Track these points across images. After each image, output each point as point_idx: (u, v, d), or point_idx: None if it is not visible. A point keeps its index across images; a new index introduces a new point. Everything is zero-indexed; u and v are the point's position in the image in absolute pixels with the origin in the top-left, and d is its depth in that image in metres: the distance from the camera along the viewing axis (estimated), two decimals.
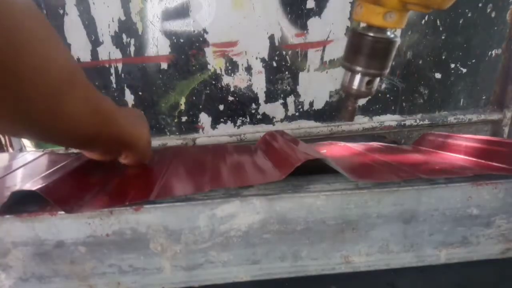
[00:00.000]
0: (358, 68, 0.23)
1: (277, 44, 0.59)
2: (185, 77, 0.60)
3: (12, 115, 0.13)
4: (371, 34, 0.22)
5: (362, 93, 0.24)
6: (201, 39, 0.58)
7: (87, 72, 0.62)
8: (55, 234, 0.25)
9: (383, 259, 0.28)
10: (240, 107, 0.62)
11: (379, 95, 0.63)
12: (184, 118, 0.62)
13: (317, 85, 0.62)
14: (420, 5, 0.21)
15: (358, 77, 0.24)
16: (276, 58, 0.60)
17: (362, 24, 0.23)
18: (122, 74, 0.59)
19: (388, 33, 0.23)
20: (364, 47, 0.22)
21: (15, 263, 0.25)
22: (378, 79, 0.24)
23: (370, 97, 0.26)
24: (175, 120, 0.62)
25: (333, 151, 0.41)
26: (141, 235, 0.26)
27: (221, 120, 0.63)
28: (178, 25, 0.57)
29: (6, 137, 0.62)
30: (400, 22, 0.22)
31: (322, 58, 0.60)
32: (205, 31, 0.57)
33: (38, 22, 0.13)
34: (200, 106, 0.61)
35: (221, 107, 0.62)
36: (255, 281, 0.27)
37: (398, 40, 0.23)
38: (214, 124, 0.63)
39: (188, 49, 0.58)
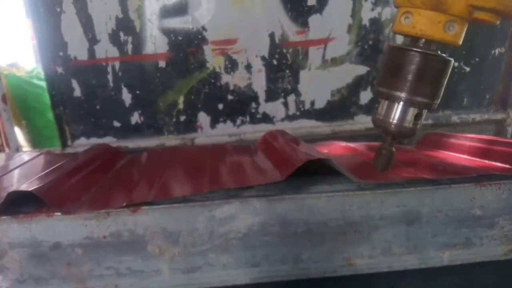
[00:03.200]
0: (402, 95, 0.16)
1: (277, 41, 0.58)
2: (184, 75, 0.59)
3: None
4: (423, 50, 0.16)
5: (405, 130, 0.17)
6: (199, 36, 0.57)
7: (84, 71, 0.62)
8: (51, 235, 0.24)
9: (385, 261, 0.28)
10: (240, 106, 0.62)
11: None
12: (182, 118, 0.62)
13: (318, 84, 0.61)
14: (494, 11, 0.15)
15: (400, 108, 0.17)
16: (277, 56, 0.59)
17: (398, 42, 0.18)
18: (119, 73, 0.58)
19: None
20: (412, 67, 0.16)
21: (11, 264, 0.25)
22: (425, 112, 0.18)
23: (412, 136, 0.18)
24: (173, 120, 0.61)
25: (335, 151, 0.41)
26: (139, 237, 0.25)
27: (221, 119, 0.62)
28: (176, 23, 0.56)
29: (3, 137, 0.62)
30: (459, 36, 0.16)
31: (323, 56, 0.59)
32: (204, 28, 0.57)
33: None
34: (199, 105, 0.61)
35: (220, 106, 0.61)
36: (255, 284, 0.27)
37: (452, 61, 0.17)
38: (213, 124, 0.62)
39: (187, 47, 0.58)
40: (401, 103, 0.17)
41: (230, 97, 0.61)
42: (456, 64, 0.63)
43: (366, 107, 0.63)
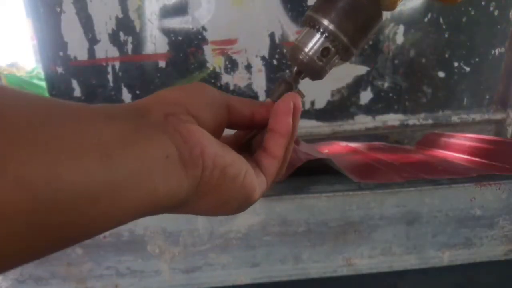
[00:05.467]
0: (325, 23, 0.15)
1: (277, 41, 0.58)
2: (184, 75, 0.59)
3: None
4: None
5: (311, 63, 0.16)
6: (199, 36, 0.57)
7: (84, 71, 0.62)
8: None
9: (385, 261, 0.28)
10: None
11: (382, 94, 0.63)
12: None
13: (318, 84, 0.61)
14: None
15: (317, 37, 0.16)
16: (277, 56, 0.59)
17: None
18: (120, 73, 0.58)
19: None
20: (347, 1, 0.15)
21: None
22: (337, 57, 0.16)
23: (318, 79, 0.17)
24: None
25: (335, 151, 0.40)
26: (139, 237, 0.25)
27: None
28: (176, 23, 0.56)
29: None
30: None
31: None
32: (204, 28, 0.57)
33: None
34: None
35: None
36: (255, 284, 0.27)
37: (383, 18, 0.17)
38: None
39: (187, 47, 0.57)
40: (323, 35, 0.16)
41: None
42: (456, 64, 0.63)
43: (366, 107, 0.63)
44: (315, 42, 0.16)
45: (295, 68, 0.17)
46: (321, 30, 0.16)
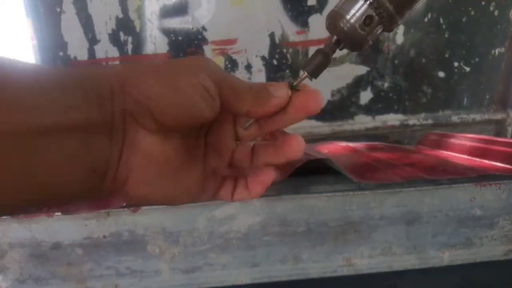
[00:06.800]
0: None
1: (277, 41, 0.58)
2: None
3: None
4: None
5: (352, 31, 0.15)
6: (199, 36, 0.57)
7: None
8: (51, 235, 0.25)
9: (385, 261, 0.28)
10: None
11: (382, 94, 0.63)
12: None
13: (318, 84, 0.61)
14: None
15: (360, 3, 0.15)
16: (277, 56, 0.59)
17: None
18: None
19: None
20: None
21: (12, 264, 0.25)
22: (379, 28, 0.15)
23: (358, 50, 0.16)
24: None
25: (335, 151, 0.41)
26: (139, 237, 0.25)
27: None
28: (176, 23, 0.56)
29: None
30: None
31: None
32: (204, 28, 0.57)
33: None
34: None
35: None
36: (255, 284, 0.27)
37: None
38: None
39: (187, 47, 0.58)
40: (367, 1, 0.15)
41: None
42: (456, 64, 0.63)
43: (366, 107, 0.63)
44: (357, 9, 0.15)
45: (334, 37, 0.16)
46: None
